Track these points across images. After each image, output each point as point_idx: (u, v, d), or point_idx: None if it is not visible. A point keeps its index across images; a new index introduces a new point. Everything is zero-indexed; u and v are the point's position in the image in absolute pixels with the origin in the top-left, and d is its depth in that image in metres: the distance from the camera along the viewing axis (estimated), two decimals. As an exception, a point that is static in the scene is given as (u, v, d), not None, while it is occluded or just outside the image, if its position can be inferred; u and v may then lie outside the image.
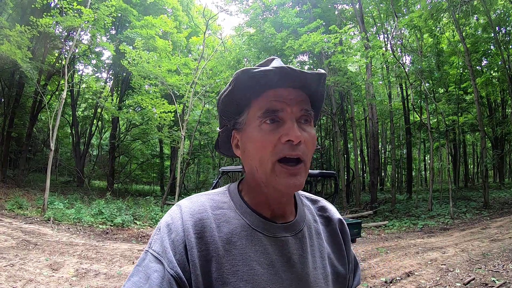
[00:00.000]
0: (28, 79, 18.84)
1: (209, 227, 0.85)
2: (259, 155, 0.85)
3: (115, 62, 23.00)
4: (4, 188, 17.62)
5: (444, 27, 19.47)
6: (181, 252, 0.81)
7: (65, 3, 13.70)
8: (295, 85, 0.87)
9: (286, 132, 0.82)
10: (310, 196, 1.12)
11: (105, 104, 17.79)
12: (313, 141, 0.89)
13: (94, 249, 8.53)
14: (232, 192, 0.96)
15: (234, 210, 0.91)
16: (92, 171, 29.68)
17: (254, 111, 0.87)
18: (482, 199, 16.95)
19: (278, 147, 0.83)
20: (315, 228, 1.01)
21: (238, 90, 0.87)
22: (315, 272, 0.92)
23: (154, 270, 0.79)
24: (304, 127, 0.87)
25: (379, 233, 12.93)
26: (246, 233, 0.87)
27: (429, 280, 6.73)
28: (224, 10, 18.80)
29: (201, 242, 0.83)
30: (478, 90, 17.70)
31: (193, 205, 0.89)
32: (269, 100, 0.85)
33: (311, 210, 1.06)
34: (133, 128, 27.99)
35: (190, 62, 16.86)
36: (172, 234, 0.83)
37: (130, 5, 19.89)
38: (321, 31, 15.73)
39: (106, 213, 13.03)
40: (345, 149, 26.65)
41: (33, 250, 7.91)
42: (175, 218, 0.86)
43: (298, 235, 0.93)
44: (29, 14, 18.27)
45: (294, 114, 0.85)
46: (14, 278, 5.91)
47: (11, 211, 12.73)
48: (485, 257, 8.09)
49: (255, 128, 0.86)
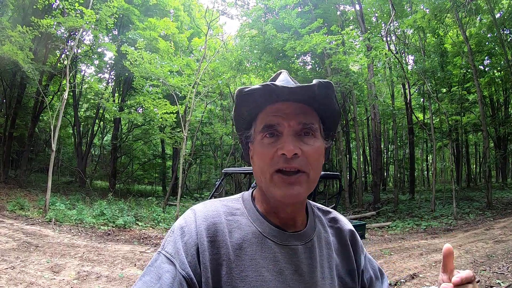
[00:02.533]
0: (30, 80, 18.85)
1: (221, 231, 0.87)
2: (261, 166, 0.89)
3: (117, 62, 23.02)
4: (5, 189, 17.64)
5: (448, 27, 19.41)
6: (193, 254, 0.83)
7: (67, 4, 13.68)
8: (291, 99, 0.89)
9: (281, 146, 0.86)
10: (322, 207, 1.13)
11: (106, 105, 17.76)
12: (317, 153, 0.90)
13: (96, 251, 8.50)
14: (245, 200, 1.00)
15: (246, 217, 0.94)
16: (94, 171, 29.74)
17: (258, 126, 0.92)
18: (485, 199, 16.94)
19: (275, 160, 0.86)
20: (325, 238, 1.02)
21: (239, 108, 0.93)
22: (323, 282, 0.92)
23: (165, 270, 0.81)
24: (306, 140, 0.89)
25: (383, 234, 12.88)
26: (256, 240, 0.89)
27: (434, 282, 6.66)
28: (225, 13, 18.80)
29: (213, 246, 0.85)
30: (481, 90, 17.65)
31: (207, 209, 0.92)
32: (268, 116, 0.90)
33: (322, 220, 1.06)
34: (134, 129, 28.04)
35: (192, 62, 16.84)
36: (186, 237, 0.86)
37: (132, 5, 19.88)
38: (323, 32, 15.68)
39: (108, 214, 13.01)
40: (348, 149, 26.60)
41: (34, 252, 7.88)
42: (189, 221, 0.89)
43: (307, 244, 0.94)
44: (30, 14, 18.27)
45: (292, 128, 0.88)
46: (14, 281, 5.87)
47: (13, 212, 12.73)
48: (490, 258, 8.04)
49: (259, 142, 0.91)
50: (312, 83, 0.86)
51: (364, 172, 28.06)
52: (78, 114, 26.62)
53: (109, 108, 18.17)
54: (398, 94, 26.73)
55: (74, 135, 26.40)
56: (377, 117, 19.92)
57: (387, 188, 31.07)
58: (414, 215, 16.28)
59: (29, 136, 22.31)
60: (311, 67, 23.86)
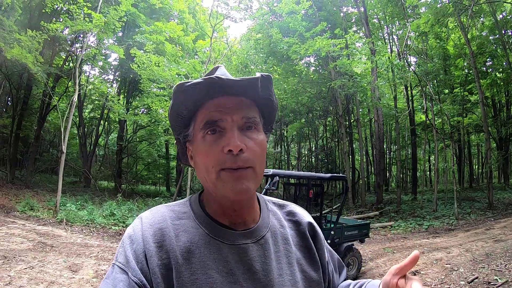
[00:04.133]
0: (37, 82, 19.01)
1: (168, 236, 0.88)
2: (205, 165, 0.88)
3: (122, 64, 23.19)
4: (13, 189, 17.76)
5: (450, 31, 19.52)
6: (142, 261, 0.84)
7: (75, 8, 13.87)
8: (235, 93, 0.89)
9: (227, 142, 0.84)
10: (278, 201, 1.13)
11: (114, 106, 17.94)
12: (261, 147, 0.90)
13: (110, 250, 8.73)
14: (192, 202, 0.99)
15: (193, 219, 0.93)
16: (98, 172, 29.89)
17: (198, 123, 0.91)
18: (486, 199, 17.02)
19: (221, 158, 0.85)
20: (281, 233, 1.01)
21: (177, 104, 0.90)
22: (280, 279, 0.92)
23: (119, 280, 0.82)
24: (249, 134, 0.89)
25: (385, 234, 13.07)
26: (204, 241, 0.89)
27: (435, 278, 6.96)
28: (229, 17, 18.96)
29: (161, 251, 0.85)
30: (483, 92, 17.76)
31: (153, 216, 0.92)
32: (209, 111, 0.88)
33: (277, 215, 1.06)
34: (139, 130, 28.21)
35: (197, 64, 17.02)
36: (134, 245, 0.86)
37: (138, 9, 20.07)
38: (327, 36, 15.83)
39: (118, 215, 13.24)
40: (351, 150, 26.71)
41: (50, 252, 8.06)
42: (136, 229, 0.90)
43: (260, 242, 0.94)
44: (37, 17, 18.47)
45: (236, 123, 0.87)
46: (35, 280, 6.04)
47: (23, 213, 12.84)
48: (489, 257, 8.29)
49: (200, 140, 0.89)
50: (256, 76, 0.87)
51: (367, 173, 28.15)
52: (82, 115, 26.81)
53: (116, 109, 18.32)
54: (400, 96, 26.83)
55: (79, 136, 26.53)
56: (380, 119, 19.99)
57: (389, 189, 31.11)
58: (417, 215, 16.41)
59: (36, 137, 22.47)
60: (314, 68, 24.03)
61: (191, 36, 19.08)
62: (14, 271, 6.36)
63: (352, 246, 7.40)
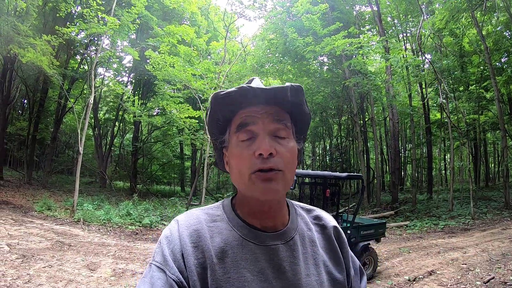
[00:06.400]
0: (53, 84, 19.31)
1: (203, 237, 0.92)
2: (239, 168, 0.92)
3: (136, 66, 23.39)
4: (31, 190, 18.13)
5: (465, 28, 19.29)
6: (179, 260, 0.88)
7: (89, 11, 14.03)
8: (266, 101, 0.92)
9: (258, 146, 0.88)
10: (305, 206, 1.17)
11: (130, 107, 18.11)
12: (291, 153, 0.93)
13: (127, 249, 8.84)
14: (225, 206, 1.03)
15: (226, 222, 0.97)
16: (114, 172, 30.23)
17: (232, 128, 0.95)
18: (503, 199, 16.80)
19: (253, 161, 0.88)
20: (309, 236, 1.04)
21: (215, 112, 0.95)
22: (308, 279, 0.95)
23: (157, 278, 0.86)
24: (280, 140, 0.92)
25: (401, 233, 13.01)
26: (237, 243, 0.93)
27: (451, 278, 6.92)
28: (242, 16, 18.99)
29: (197, 251, 0.90)
30: (498, 88, 17.51)
31: (188, 218, 0.97)
32: (242, 117, 0.93)
33: (305, 219, 1.09)
34: (154, 130, 28.45)
35: (211, 66, 17.11)
36: (171, 245, 0.91)
37: (150, 11, 20.22)
38: (342, 35, 15.75)
39: (134, 214, 13.37)
40: (365, 149, 26.58)
41: (68, 251, 8.18)
42: (173, 230, 0.94)
43: (289, 243, 0.97)
44: (51, 21, 18.73)
45: (267, 127, 0.91)
46: (54, 278, 6.14)
47: (41, 213, 13.04)
48: (505, 257, 8.22)
49: (234, 145, 0.93)
50: (285, 85, 0.91)
51: (382, 172, 27.98)
52: (98, 116, 27.15)
53: (132, 110, 18.49)
54: (415, 94, 26.59)
55: (95, 137, 26.85)
56: (395, 117, 19.82)
57: (405, 188, 30.85)
58: (432, 214, 16.28)
59: (53, 139, 22.82)
60: (328, 67, 23.97)
61: (204, 38, 19.16)
62: (33, 270, 6.46)
63: (368, 245, 7.35)
